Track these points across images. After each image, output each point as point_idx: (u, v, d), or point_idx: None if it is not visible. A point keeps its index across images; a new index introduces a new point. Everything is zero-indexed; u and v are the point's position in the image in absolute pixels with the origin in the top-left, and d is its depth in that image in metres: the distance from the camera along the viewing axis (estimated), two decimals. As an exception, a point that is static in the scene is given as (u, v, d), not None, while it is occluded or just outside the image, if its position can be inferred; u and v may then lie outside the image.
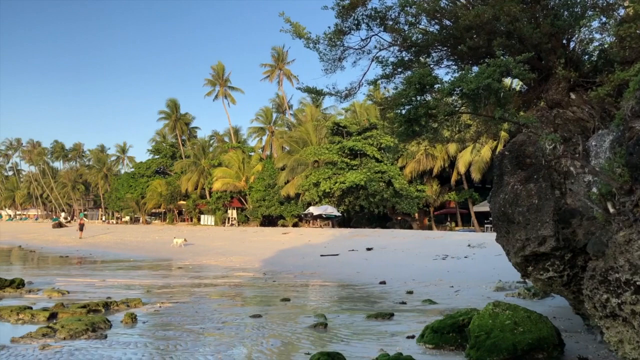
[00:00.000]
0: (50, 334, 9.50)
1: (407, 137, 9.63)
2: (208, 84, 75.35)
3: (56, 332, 9.57)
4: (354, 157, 49.65)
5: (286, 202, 56.18)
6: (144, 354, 8.46)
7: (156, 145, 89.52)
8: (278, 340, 9.49)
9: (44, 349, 8.58)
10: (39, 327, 9.87)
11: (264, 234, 41.81)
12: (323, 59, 11.05)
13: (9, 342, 9.07)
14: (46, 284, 17.51)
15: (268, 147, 73.02)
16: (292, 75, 69.82)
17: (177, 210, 79.49)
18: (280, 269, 22.94)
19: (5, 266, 27.14)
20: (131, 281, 18.98)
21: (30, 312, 11.43)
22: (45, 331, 9.55)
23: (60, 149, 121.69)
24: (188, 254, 31.47)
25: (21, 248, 42.23)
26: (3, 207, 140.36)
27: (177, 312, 12.36)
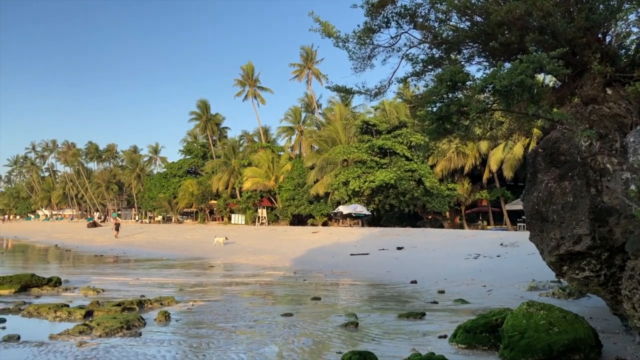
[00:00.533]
0: (87, 331, 9.71)
1: (438, 135, 9.54)
2: (238, 84, 76.01)
3: (92, 329, 9.78)
4: (383, 156, 49.42)
5: (315, 201, 56.26)
6: (178, 351, 8.58)
7: (187, 146, 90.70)
8: (309, 339, 9.52)
9: (80, 345, 8.77)
10: (76, 325, 10.10)
11: (293, 233, 41.97)
12: (352, 58, 11.04)
13: (48, 338, 9.30)
14: (82, 283, 17.90)
15: (297, 147, 73.24)
16: (321, 74, 69.93)
17: (208, 210, 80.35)
18: (310, 268, 23.00)
19: (43, 265, 27.87)
20: (164, 280, 19.27)
21: (67, 310, 11.69)
22: (81, 329, 9.77)
23: (94, 150, 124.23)
24: (220, 253, 31.78)
25: (57, 247, 43.28)
26: (40, 207, 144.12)
27: (210, 310, 12.50)
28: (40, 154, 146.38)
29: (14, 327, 10.27)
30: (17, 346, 8.79)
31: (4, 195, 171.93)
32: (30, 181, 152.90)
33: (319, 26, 10.76)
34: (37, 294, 15.33)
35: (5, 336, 9.33)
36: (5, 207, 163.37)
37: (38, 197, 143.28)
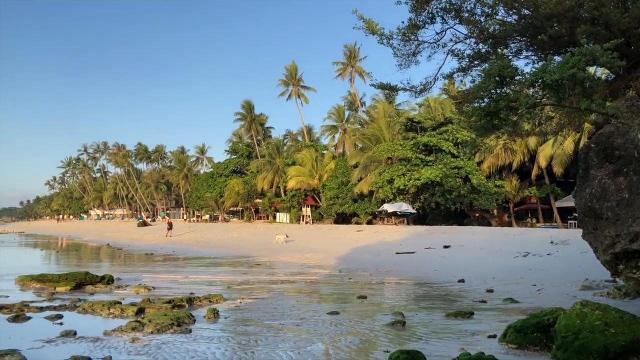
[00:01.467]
0: (139, 328, 9.97)
1: (486, 131, 9.38)
2: (282, 85, 76.51)
3: (144, 326, 10.03)
4: (429, 153, 48.87)
5: (360, 200, 56.11)
6: (227, 348, 8.71)
7: (233, 146, 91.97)
8: (356, 337, 9.51)
9: (134, 342, 9.02)
10: (129, 322, 10.38)
11: (338, 232, 41.99)
12: (397, 55, 10.97)
13: (103, 334, 9.60)
14: (133, 281, 18.40)
15: (341, 145, 73.18)
16: (365, 72, 69.57)
17: (254, 209, 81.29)
18: (355, 267, 22.97)
19: (96, 263, 28.81)
20: (212, 278, 19.61)
21: (120, 307, 12.04)
22: (134, 325, 10.04)
23: (144, 151, 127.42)
24: (265, 251, 32.11)
25: (109, 246, 44.65)
26: (92, 207, 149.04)
27: (257, 308, 12.65)
28: (92, 156, 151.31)
29: (70, 323, 10.66)
30: (74, 341, 9.11)
31: (59, 196, 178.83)
32: (83, 182, 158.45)
33: (363, 24, 10.74)
34: (91, 292, 15.86)
35: (63, 332, 9.69)
36: (60, 207, 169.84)
37: (90, 198, 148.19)
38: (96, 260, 32.02)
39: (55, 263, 29.61)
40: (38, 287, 16.48)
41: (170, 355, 8.21)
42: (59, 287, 16.10)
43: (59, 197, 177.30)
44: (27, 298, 14.30)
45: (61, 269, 23.82)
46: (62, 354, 8.13)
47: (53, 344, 8.95)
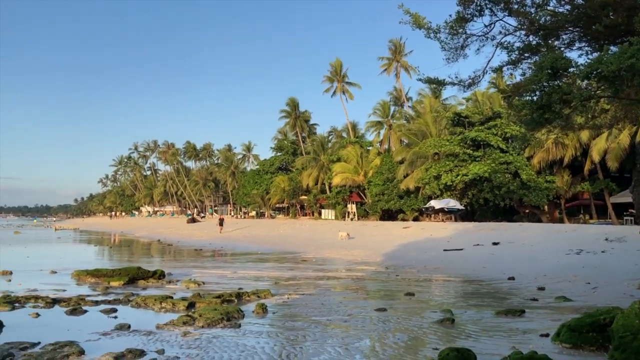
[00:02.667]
0: (190, 322, 10.18)
1: (536, 125, 9.15)
2: (326, 81, 76.54)
3: (195, 320, 10.24)
4: (476, 148, 47.98)
5: (406, 196, 55.62)
6: (276, 343, 8.81)
7: (278, 143, 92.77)
8: (404, 334, 9.45)
9: (185, 335, 9.22)
10: (180, 316, 10.62)
11: (384, 228, 41.81)
12: (444, 48, 10.81)
13: (155, 328, 9.85)
14: (183, 275, 18.80)
15: (386, 141, 72.68)
16: (410, 66, 68.83)
17: (299, 205, 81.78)
18: (402, 263, 22.81)
19: (147, 258, 29.56)
20: (260, 273, 19.84)
21: (172, 302, 12.33)
22: (185, 319, 10.26)
23: (192, 149, 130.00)
24: (311, 247, 32.27)
25: (160, 242, 45.79)
26: (143, 204, 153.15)
27: (304, 303, 12.73)
28: (143, 154, 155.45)
29: (124, 317, 10.98)
30: (128, 334, 9.39)
31: (111, 193, 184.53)
32: (134, 180, 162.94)
33: (409, 18, 10.64)
34: (143, 286, 16.28)
35: (117, 325, 9.99)
36: (112, 204, 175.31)
37: (141, 195, 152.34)
38: (147, 255, 32.87)
39: (108, 258, 30.56)
40: (93, 281, 17.03)
41: (220, 349, 8.35)
42: (113, 282, 16.60)
43: (111, 194, 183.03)
44: (83, 292, 14.81)
45: (114, 264, 24.57)
46: (117, 346, 8.39)
47: (108, 336, 9.24)
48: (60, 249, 38.15)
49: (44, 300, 12.72)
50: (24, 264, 22.94)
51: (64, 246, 42.95)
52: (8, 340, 8.53)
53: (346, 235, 35.65)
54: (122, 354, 7.82)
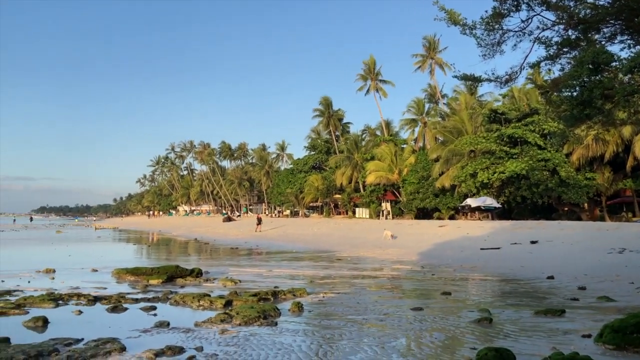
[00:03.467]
0: (227, 320, 10.31)
1: (576, 121, 8.94)
2: (360, 79, 76.29)
3: (232, 318, 10.36)
4: (513, 145, 47.15)
5: (441, 194, 55.06)
6: (312, 341, 8.84)
7: (312, 142, 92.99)
8: (441, 333, 9.37)
9: (223, 333, 9.34)
10: (217, 313, 10.76)
11: (419, 227, 41.46)
12: (480, 45, 10.64)
13: (193, 325, 10.00)
14: (220, 274, 19.03)
15: (421, 139, 72.06)
16: (445, 63, 68.03)
17: (333, 204, 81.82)
18: (438, 262, 22.60)
19: (184, 257, 30.04)
20: (295, 271, 19.94)
21: (209, 299, 12.50)
22: (222, 317, 10.39)
23: (227, 149, 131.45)
24: (346, 246, 32.26)
25: (196, 241, 46.46)
26: (180, 203, 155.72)
27: (340, 302, 12.73)
28: (179, 154, 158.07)
29: (163, 314, 11.19)
30: (168, 331, 9.56)
31: (149, 192, 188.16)
32: (171, 179, 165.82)
33: (444, 15, 10.52)
34: (181, 284, 16.55)
35: (157, 322, 10.19)
36: (150, 203, 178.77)
37: (178, 194, 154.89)
38: (184, 254, 33.39)
39: (147, 257, 31.17)
40: (132, 279, 17.39)
41: (257, 346, 8.43)
42: (152, 280, 16.93)
43: (149, 193, 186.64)
44: (123, 290, 15.15)
45: (152, 262, 25.05)
46: (157, 343, 8.56)
47: (148, 333, 9.43)
48: (100, 248, 39.09)
49: (86, 297, 13.05)
50: (66, 263, 23.59)
51: (104, 245, 43.99)
52: (53, 336, 8.78)
53: (390, 234, 35.14)
54: (162, 350, 7.98)
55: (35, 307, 11.83)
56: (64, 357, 7.54)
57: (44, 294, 13.41)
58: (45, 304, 12.14)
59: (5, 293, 13.90)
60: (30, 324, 10.05)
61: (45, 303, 12.22)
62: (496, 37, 10.43)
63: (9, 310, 11.29)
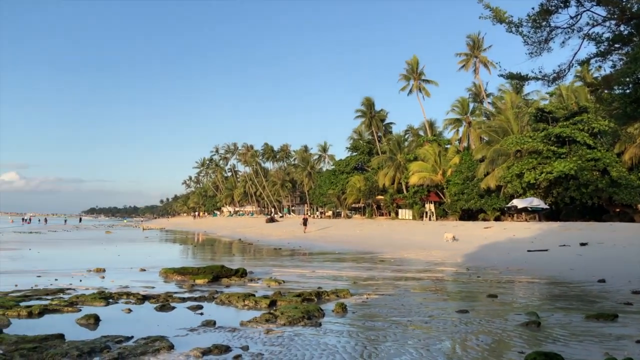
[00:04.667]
0: (272, 319, 10.40)
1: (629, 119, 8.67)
2: (402, 79, 75.83)
3: (277, 318, 10.45)
4: (561, 145, 45.94)
5: (486, 195, 54.12)
6: (357, 342, 8.84)
7: (354, 143, 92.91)
8: (488, 337, 9.21)
9: (268, 333, 9.44)
10: (262, 313, 10.87)
11: (464, 228, 40.88)
12: (527, 43, 10.41)
13: (239, 325, 10.14)
14: (264, 274, 19.21)
15: (465, 139, 71.09)
16: (489, 62, 66.92)
17: (375, 205, 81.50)
18: (483, 264, 22.22)
19: (228, 257, 30.47)
20: (338, 272, 19.95)
21: (254, 299, 12.64)
22: (267, 317, 10.49)
23: (269, 150, 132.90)
24: (389, 248, 32.10)
25: (240, 241, 47.05)
26: (224, 204, 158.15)
27: (384, 303, 12.68)
28: (223, 156, 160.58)
29: (209, 314, 11.38)
30: (214, 330, 9.72)
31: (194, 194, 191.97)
32: (216, 181, 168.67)
33: (489, 13, 10.35)
34: (226, 284, 16.79)
35: (204, 321, 10.38)
36: (195, 204, 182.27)
37: (222, 195, 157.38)
38: (229, 254, 33.87)
39: (192, 257, 31.74)
40: (179, 278, 17.74)
41: (302, 347, 8.48)
42: (198, 279, 17.24)
43: (194, 195, 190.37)
44: (170, 289, 15.47)
45: (198, 262, 25.51)
46: (204, 341, 8.72)
47: (195, 332, 9.61)
48: (147, 248, 40.03)
49: (135, 296, 13.40)
50: (116, 262, 24.27)
51: (151, 245, 45.02)
52: (104, 334, 9.05)
53: (452, 236, 34.32)
54: (209, 349, 8.12)
55: (87, 305, 12.21)
56: (115, 354, 7.76)
57: (95, 293, 13.85)
58: (96, 302, 12.52)
59: (58, 291, 14.39)
60: (82, 321, 10.38)
61: (96, 301, 12.61)
62: (543, 34, 10.19)
63: (63, 307, 11.69)
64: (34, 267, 21.04)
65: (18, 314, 10.90)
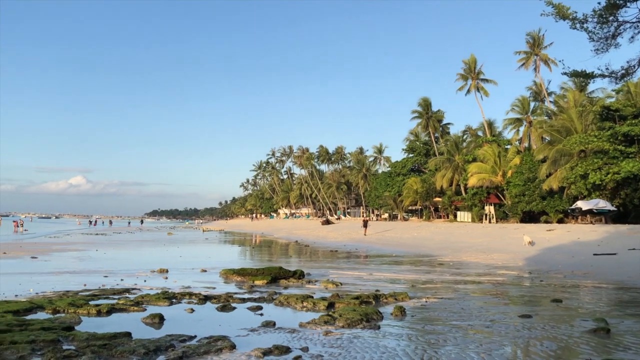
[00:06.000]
0: (331, 321, 10.43)
1: None
2: (460, 79, 74.50)
3: (335, 320, 10.47)
4: (629, 144, 43.94)
5: (549, 197, 52.41)
6: (417, 346, 8.74)
7: (410, 144, 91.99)
8: (553, 343, 8.92)
9: (326, 334, 9.48)
10: (321, 315, 10.92)
11: (525, 231, 39.67)
12: (593, 39, 10.03)
13: (298, 326, 10.23)
14: (321, 276, 19.30)
15: (526, 139, 69.09)
16: (551, 59, 64.80)
17: (432, 207, 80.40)
18: (546, 268, 21.54)
19: (285, 258, 30.78)
20: (395, 275, 19.79)
21: (312, 301, 12.72)
22: (326, 319, 10.53)
23: (324, 153, 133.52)
24: (447, 250, 31.60)
25: (297, 243, 47.45)
26: (280, 206, 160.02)
27: (443, 307, 12.50)
28: (279, 159, 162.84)
29: (269, 314, 11.54)
30: (274, 331, 9.85)
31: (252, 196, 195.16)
32: (272, 183, 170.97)
33: (551, 9, 10.03)
34: (284, 285, 16.96)
35: (263, 322, 10.54)
36: (252, 207, 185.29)
37: (279, 198, 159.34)
38: (286, 255, 34.21)
39: (250, 258, 32.26)
40: (238, 279, 18.08)
41: (361, 349, 8.47)
42: (257, 280, 17.50)
43: (252, 197, 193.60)
44: (230, 290, 15.78)
45: (256, 263, 25.93)
46: (264, 342, 8.85)
47: (256, 332, 9.77)
48: (207, 249, 41.00)
49: (197, 296, 13.75)
50: (178, 263, 24.97)
51: (211, 246, 46.06)
52: (168, 333, 9.33)
53: (529, 241, 32.14)
54: (269, 349, 8.23)
55: (152, 305, 12.62)
56: (180, 352, 7.99)
57: (159, 293, 14.30)
58: (160, 302, 12.92)
59: (124, 291, 14.94)
60: (148, 320, 10.74)
61: (160, 301, 13.01)
62: (610, 29, 9.78)
63: (129, 307, 12.13)
64: (100, 268, 21.95)
65: (88, 312, 11.39)
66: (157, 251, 36.78)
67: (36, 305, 11.70)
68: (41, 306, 11.63)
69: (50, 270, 20.60)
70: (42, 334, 8.73)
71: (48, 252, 30.89)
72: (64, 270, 20.71)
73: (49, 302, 11.99)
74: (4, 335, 8.63)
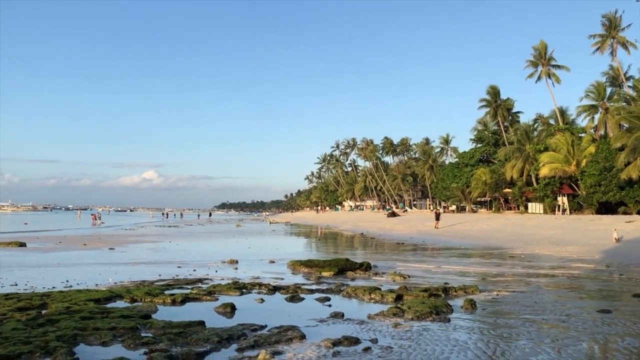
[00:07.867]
0: (399, 314, 10.37)
1: None
2: (530, 66, 71.83)
3: (404, 312, 10.40)
4: None
5: (627, 187, 49.84)
6: (489, 339, 8.54)
7: (478, 134, 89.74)
8: (636, 339, 8.49)
9: (396, 326, 9.43)
10: (389, 307, 10.86)
11: (602, 223, 37.92)
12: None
13: (366, 317, 10.22)
14: (388, 268, 19.20)
15: (602, 126, 65.81)
16: (629, 42, 61.38)
17: (502, 199, 78.19)
18: (626, 261, 20.52)
19: (351, 250, 30.84)
20: (464, 268, 19.42)
21: (380, 293, 12.68)
22: (394, 311, 10.47)
23: (389, 144, 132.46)
24: (519, 243, 30.69)
25: (363, 235, 47.42)
26: (345, 199, 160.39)
27: (515, 301, 12.15)
28: (344, 151, 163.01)
29: (337, 306, 11.60)
30: (342, 322, 9.89)
31: (316, 189, 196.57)
32: (337, 176, 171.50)
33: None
34: (351, 277, 17.01)
35: (332, 313, 10.61)
36: (317, 199, 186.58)
37: (343, 190, 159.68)
38: (351, 247, 34.26)
39: (316, 250, 32.53)
40: (306, 271, 18.28)
41: (431, 341, 8.37)
42: (324, 272, 17.64)
43: (317, 190, 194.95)
44: (298, 280, 15.99)
45: (322, 255, 26.13)
46: (333, 332, 8.90)
47: (324, 323, 9.84)
48: (275, 241, 41.71)
49: (266, 287, 14.01)
50: (247, 254, 25.54)
51: (278, 238, 46.83)
52: (240, 322, 9.56)
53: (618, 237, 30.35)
54: (339, 340, 8.27)
55: (223, 295, 12.97)
56: (251, 341, 8.17)
57: (230, 283, 14.68)
58: (231, 292, 13.26)
59: (197, 281, 15.44)
60: (220, 309, 11.04)
61: (231, 291, 13.36)
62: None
63: (202, 296, 12.53)
64: (173, 258, 22.78)
65: (163, 301, 11.86)
66: (227, 242, 37.76)
67: (115, 294, 12.30)
68: (120, 295, 12.21)
69: (127, 261, 21.57)
70: (122, 322, 9.16)
71: (124, 244, 32.37)
72: (139, 261, 21.64)
73: (127, 291, 12.55)
74: (88, 322, 9.12)
